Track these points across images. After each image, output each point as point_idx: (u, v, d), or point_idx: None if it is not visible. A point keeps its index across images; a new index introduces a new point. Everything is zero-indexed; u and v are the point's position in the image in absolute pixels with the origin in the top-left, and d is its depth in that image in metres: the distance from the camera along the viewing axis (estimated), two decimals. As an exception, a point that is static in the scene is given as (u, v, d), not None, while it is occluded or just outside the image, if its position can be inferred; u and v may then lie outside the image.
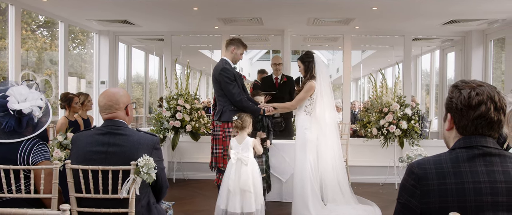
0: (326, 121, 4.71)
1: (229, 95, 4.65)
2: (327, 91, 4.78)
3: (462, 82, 1.65)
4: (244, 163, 4.24)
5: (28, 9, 6.29)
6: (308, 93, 4.71)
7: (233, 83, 4.65)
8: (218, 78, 4.70)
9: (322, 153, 4.73)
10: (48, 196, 2.59)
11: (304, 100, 4.75)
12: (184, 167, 7.06)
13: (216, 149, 4.84)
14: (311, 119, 4.74)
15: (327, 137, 4.74)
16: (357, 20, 6.88)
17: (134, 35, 8.50)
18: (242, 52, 4.96)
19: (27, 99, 2.70)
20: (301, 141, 4.74)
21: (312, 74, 4.77)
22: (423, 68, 10.67)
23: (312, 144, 4.70)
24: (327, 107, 4.74)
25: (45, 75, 7.89)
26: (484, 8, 5.93)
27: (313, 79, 4.76)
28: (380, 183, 6.80)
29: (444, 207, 1.51)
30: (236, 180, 4.19)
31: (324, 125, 4.70)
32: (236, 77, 4.73)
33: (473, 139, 1.60)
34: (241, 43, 4.91)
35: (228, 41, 4.95)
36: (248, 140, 4.35)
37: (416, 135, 6.40)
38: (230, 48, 4.88)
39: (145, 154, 2.51)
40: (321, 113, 4.70)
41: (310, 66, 4.78)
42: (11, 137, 2.63)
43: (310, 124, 4.72)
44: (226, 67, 4.71)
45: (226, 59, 4.85)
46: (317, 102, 4.72)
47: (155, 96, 10.45)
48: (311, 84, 4.72)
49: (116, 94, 2.70)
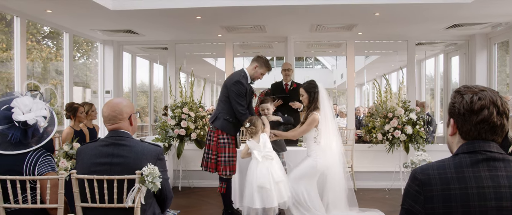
0: (333, 150, 4.64)
1: (235, 107, 4.71)
2: (331, 121, 4.69)
3: (464, 88, 1.65)
4: (270, 158, 4.36)
5: (33, 20, 6.35)
6: (310, 127, 4.62)
7: (241, 98, 4.72)
8: (229, 87, 4.75)
9: (331, 176, 4.70)
10: (54, 206, 2.60)
11: (306, 133, 4.69)
12: (189, 175, 7.06)
13: (209, 154, 4.89)
14: (320, 148, 4.66)
15: (335, 166, 4.67)
16: (360, 26, 6.89)
17: (138, 45, 8.55)
18: (264, 73, 4.97)
19: (31, 110, 2.72)
20: (309, 168, 4.63)
21: (316, 106, 4.67)
22: (427, 73, 10.65)
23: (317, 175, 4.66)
24: (332, 136, 4.65)
25: (50, 85, 7.94)
26: (487, 11, 5.93)
27: (317, 110, 4.65)
28: (386, 188, 6.77)
29: (448, 212, 1.50)
30: (270, 175, 4.27)
31: (330, 155, 4.62)
32: (247, 93, 4.79)
33: (477, 143, 1.59)
34: (266, 64, 4.92)
35: (255, 57, 4.96)
36: (264, 136, 4.50)
37: (421, 139, 6.37)
38: (253, 64, 4.90)
39: (149, 163, 2.53)
40: (327, 143, 4.62)
41: (315, 97, 4.68)
42: (17, 148, 2.65)
43: (320, 154, 4.63)
44: (241, 81, 4.74)
45: (246, 73, 4.88)
46: (322, 133, 4.62)
47: (160, 105, 10.49)
48: (315, 117, 4.61)
49: (120, 104, 2.72)
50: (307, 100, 4.75)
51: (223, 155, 4.79)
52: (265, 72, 4.98)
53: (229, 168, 4.82)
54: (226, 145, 4.81)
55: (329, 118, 4.66)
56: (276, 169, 4.35)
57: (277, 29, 7.23)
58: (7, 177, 2.53)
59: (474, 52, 7.64)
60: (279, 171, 4.37)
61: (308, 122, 4.64)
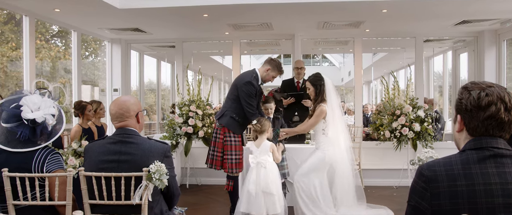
0: (340, 142, 4.63)
1: (245, 108, 4.71)
2: (339, 114, 4.70)
3: (471, 84, 1.64)
4: (263, 166, 4.31)
5: (42, 20, 6.40)
6: (319, 118, 4.63)
7: (252, 99, 4.71)
8: (239, 87, 4.75)
9: (339, 173, 4.69)
10: (63, 203, 2.63)
11: (315, 125, 4.69)
12: (197, 173, 7.09)
13: (214, 152, 4.89)
14: (328, 140, 4.66)
15: (343, 158, 4.66)
16: (367, 23, 6.85)
17: (146, 43, 8.58)
18: (275, 76, 4.96)
19: (40, 108, 2.74)
20: (321, 160, 4.63)
21: (323, 98, 4.68)
22: (436, 70, 10.57)
23: (326, 167, 4.65)
24: (340, 130, 4.65)
25: (59, 83, 8.00)
26: (496, 7, 5.87)
27: (324, 102, 4.66)
28: (394, 186, 6.75)
29: (455, 209, 1.50)
30: (258, 183, 4.27)
31: (338, 147, 4.61)
32: (257, 94, 4.79)
33: (484, 140, 1.58)
34: (278, 68, 4.91)
35: (268, 59, 4.96)
36: (266, 144, 4.44)
37: (429, 137, 6.33)
38: (266, 67, 4.89)
39: (156, 161, 2.54)
40: (334, 136, 4.62)
41: (321, 90, 4.69)
42: (26, 146, 2.68)
43: (328, 146, 4.64)
44: (252, 82, 4.73)
45: (257, 74, 4.86)
46: (329, 125, 4.63)
47: (168, 103, 10.53)
48: (322, 109, 4.62)
49: (127, 102, 2.74)
50: (314, 93, 4.76)
51: (230, 153, 4.80)
52: (277, 76, 4.98)
53: (236, 166, 4.82)
54: (233, 142, 4.81)
55: (336, 110, 4.67)
56: (268, 179, 4.29)
57: (284, 27, 7.22)
58: (16, 174, 2.56)
59: (483, 49, 7.57)
60: (271, 183, 4.30)
61: (316, 114, 4.65)
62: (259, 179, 4.27)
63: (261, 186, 4.25)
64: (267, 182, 4.26)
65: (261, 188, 4.25)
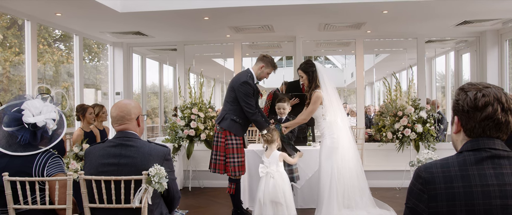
0: (339, 125, 4.65)
1: (244, 108, 4.72)
2: (335, 97, 4.71)
3: (468, 85, 1.64)
4: (271, 177, 4.33)
5: (44, 24, 6.43)
6: (316, 105, 4.64)
7: (250, 99, 4.73)
8: (236, 88, 4.75)
9: (341, 157, 4.68)
10: (63, 206, 2.64)
11: (314, 112, 4.69)
12: (199, 176, 7.09)
13: (217, 156, 4.88)
14: (328, 123, 4.69)
15: (344, 139, 4.67)
16: (369, 24, 6.85)
17: (148, 46, 8.61)
18: (270, 72, 4.98)
19: (41, 112, 2.75)
20: (329, 147, 4.63)
21: (317, 84, 4.69)
22: (438, 71, 10.55)
23: (338, 150, 4.64)
24: (338, 112, 4.67)
25: (62, 88, 8.04)
26: (497, 7, 5.85)
27: (318, 88, 4.67)
28: (397, 187, 6.73)
29: (452, 211, 1.49)
30: (266, 193, 4.29)
31: (336, 130, 4.65)
32: (254, 93, 4.79)
33: (481, 141, 1.58)
34: (272, 63, 4.93)
35: (260, 56, 4.96)
36: (276, 153, 4.43)
37: (431, 138, 6.31)
38: (259, 64, 4.90)
39: (156, 164, 2.55)
40: (332, 119, 4.64)
41: (314, 76, 4.69)
42: (26, 149, 2.69)
43: (329, 130, 4.66)
44: (248, 82, 4.75)
45: (252, 73, 4.88)
46: (327, 109, 4.65)
47: (171, 106, 10.54)
48: (318, 95, 4.63)
49: (128, 105, 2.75)
50: (307, 81, 4.77)
51: (232, 156, 4.80)
52: (271, 72, 4.98)
53: (238, 169, 4.83)
54: (234, 145, 4.81)
55: (331, 93, 4.68)
56: (276, 189, 4.29)
57: (285, 29, 7.22)
58: (17, 178, 2.57)
59: (485, 49, 7.55)
60: (279, 193, 4.29)
61: (312, 101, 4.66)
62: (267, 189, 4.30)
63: (269, 196, 4.28)
64: (275, 191, 4.28)
65: (269, 197, 4.28)
